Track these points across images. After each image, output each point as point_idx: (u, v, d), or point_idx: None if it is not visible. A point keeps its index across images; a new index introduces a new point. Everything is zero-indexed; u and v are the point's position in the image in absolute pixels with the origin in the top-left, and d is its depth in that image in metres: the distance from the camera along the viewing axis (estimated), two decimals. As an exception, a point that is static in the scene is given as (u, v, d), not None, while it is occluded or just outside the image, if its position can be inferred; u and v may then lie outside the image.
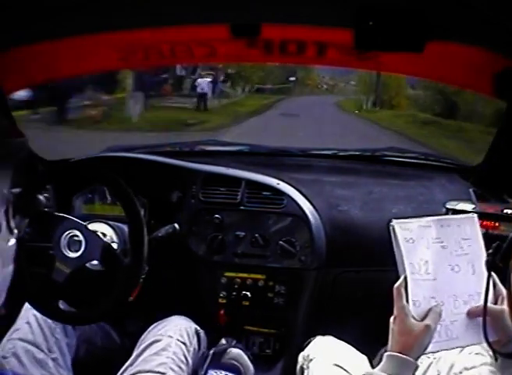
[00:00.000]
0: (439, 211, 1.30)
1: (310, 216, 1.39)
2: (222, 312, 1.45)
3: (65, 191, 1.39)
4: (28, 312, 1.17)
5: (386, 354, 0.80)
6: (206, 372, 1.19)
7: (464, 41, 0.84)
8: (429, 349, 0.81)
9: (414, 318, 0.79)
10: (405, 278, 0.81)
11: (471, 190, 1.40)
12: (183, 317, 1.28)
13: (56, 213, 1.18)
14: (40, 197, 1.24)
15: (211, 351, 1.23)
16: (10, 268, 0.60)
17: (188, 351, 1.17)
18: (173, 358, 1.11)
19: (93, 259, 1.15)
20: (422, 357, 1.00)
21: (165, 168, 1.51)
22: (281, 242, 1.40)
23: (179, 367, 1.11)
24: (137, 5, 0.79)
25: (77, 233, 1.14)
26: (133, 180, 1.19)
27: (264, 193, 1.44)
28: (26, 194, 1.10)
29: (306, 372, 1.12)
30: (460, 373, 0.91)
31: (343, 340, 1.18)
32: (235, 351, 1.26)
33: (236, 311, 1.45)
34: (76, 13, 0.80)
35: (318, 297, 1.41)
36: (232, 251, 1.44)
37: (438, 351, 0.88)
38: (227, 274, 1.45)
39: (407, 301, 0.80)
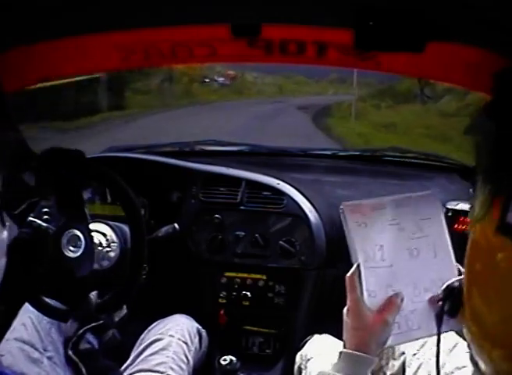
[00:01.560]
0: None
1: (310, 216, 1.39)
2: (222, 312, 1.45)
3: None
4: (23, 314, 1.18)
5: (341, 351, 0.75)
6: None
7: (464, 41, 0.84)
8: (389, 342, 0.75)
9: (370, 310, 0.73)
10: (358, 266, 0.74)
11: (471, 190, 1.39)
12: (184, 316, 1.28)
13: (45, 225, 1.17)
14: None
15: None
16: (2, 261, 0.59)
17: (189, 350, 1.17)
18: (174, 358, 1.11)
19: (86, 266, 1.14)
20: (411, 358, 0.99)
21: (165, 168, 1.51)
22: (281, 242, 1.40)
23: (180, 367, 1.10)
24: (137, 5, 0.79)
25: (77, 233, 1.14)
26: (133, 180, 1.19)
27: (265, 193, 1.44)
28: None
29: (304, 371, 1.12)
30: (452, 372, 0.89)
31: (342, 339, 1.18)
32: None
33: (236, 311, 1.45)
34: (76, 13, 0.80)
35: (318, 297, 1.41)
36: (232, 251, 1.44)
37: (399, 344, 0.82)
38: (227, 274, 1.45)
39: (362, 292, 0.73)
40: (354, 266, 0.74)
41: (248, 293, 1.43)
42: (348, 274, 0.75)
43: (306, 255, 1.39)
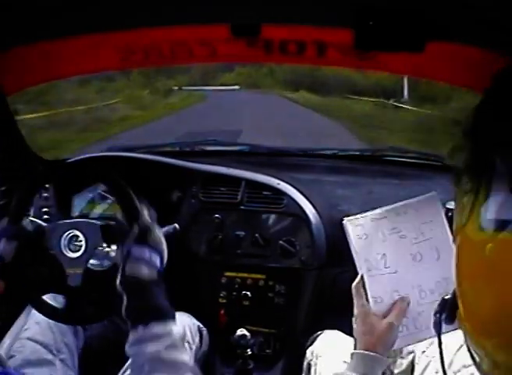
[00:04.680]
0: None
1: (310, 216, 1.39)
2: (222, 311, 1.45)
3: (65, 190, 1.39)
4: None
5: (353, 352, 0.79)
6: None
7: (464, 41, 0.84)
8: (398, 344, 0.79)
9: (376, 315, 0.78)
10: (362, 276, 0.79)
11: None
12: (185, 314, 1.28)
13: (45, 225, 1.15)
14: (25, 221, 1.14)
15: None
16: None
17: (191, 348, 1.17)
18: None
19: (95, 254, 1.13)
20: (420, 356, 1.00)
21: (165, 168, 1.51)
22: (281, 242, 1.40)
23: None
24: (137, 5, 0.79)
25: (77, 232, 1.14)
26: (133, 180, 1.19)
27: (265, 193, 1.44)
28: (24, 195, 1.10)
29: (313, 368, 1.11)
30: (459, 371, 0.89)
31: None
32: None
33: (236, 311, 1.45)
34: (76, 13, 0.80)
35: (318, 296, 1.41)
36: (232, 251, 1.44)
37: (407, 345, 0.85)
38: (227, 274, 1.45)
39: (367, 299, 0.79)
40: (359, 276, 0.79)
41: (248, 293, 1.43)
42: (354, 284, 0.80)
43: (306, 255, 1.39)
